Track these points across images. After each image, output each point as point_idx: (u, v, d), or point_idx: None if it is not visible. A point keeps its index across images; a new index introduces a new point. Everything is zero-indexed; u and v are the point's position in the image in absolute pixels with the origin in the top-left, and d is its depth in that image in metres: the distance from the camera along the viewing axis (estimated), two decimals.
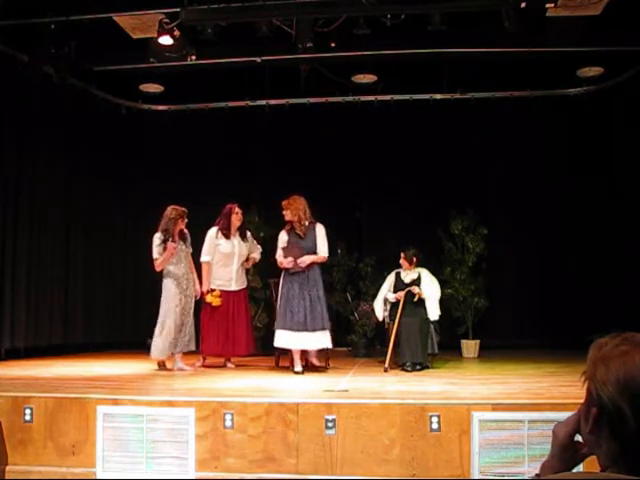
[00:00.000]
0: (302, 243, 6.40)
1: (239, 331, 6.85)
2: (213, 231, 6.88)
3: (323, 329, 6.30)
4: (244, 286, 7.08)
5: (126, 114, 9.69)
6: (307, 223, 6.44)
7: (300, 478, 4.17)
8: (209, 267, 6.81)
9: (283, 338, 6.30)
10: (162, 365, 6.61)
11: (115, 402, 4.45)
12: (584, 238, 8.86)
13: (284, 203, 6.49)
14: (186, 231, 6.67)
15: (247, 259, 7.07)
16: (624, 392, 1.19)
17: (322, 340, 6.33)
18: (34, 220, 8.02)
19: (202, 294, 6.73)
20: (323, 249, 6.47)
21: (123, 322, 9.49)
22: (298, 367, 6.30)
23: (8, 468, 4.42)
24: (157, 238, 6.44)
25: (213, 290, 6.75)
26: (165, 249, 6.38)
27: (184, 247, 6.61)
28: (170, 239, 6.42)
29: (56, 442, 4.43)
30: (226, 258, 6.85)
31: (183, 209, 6.58)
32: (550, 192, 9.11)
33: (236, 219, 6.91)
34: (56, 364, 7.08)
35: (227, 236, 6.84)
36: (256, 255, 7.15)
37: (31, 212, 7.98)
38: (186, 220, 6.60)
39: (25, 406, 4.48)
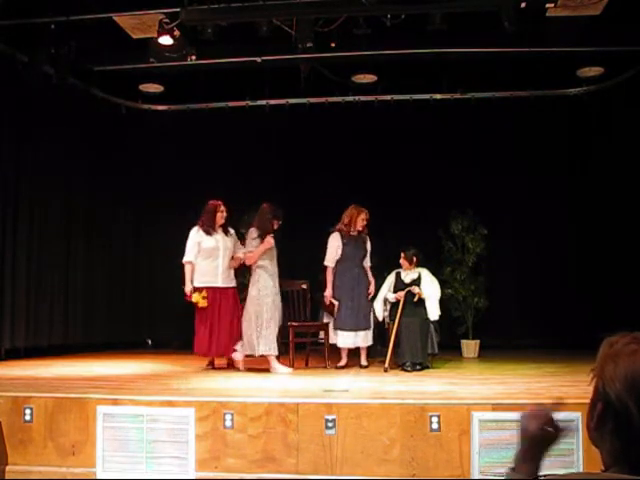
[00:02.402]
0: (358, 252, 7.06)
1: (224, 331, 6.57)
2: (194, 230, 6.72)
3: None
4: (232, 285, 6.82)
5: (126, 114, 9.68)
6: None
7: (300, 478, 4.17)
8: (192, 267, 6.61)
9: None
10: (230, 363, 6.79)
11: (115, 402, 4.45)
12: (584, 238, 8.87)
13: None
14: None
15: (232, 258, 6.88)
16: (631, 390, 1.20)
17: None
18: (34, 220, 8.01)
19: (186, 295, 6.54)
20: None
21: (123, 322, 9.47)
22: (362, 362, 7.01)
23: (8, 468, 4.42)
24: (254, 232, 6.64)
25: (199, 290, 6.53)
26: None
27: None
28: (266, 235, 6.59)
29: (56, 442, 4.43)
30: (210, 253, 6.64)
31: (278, 210, 6.74)
32: (550, 192, 9.10)
33: (220, 217, 6.75)
34: (56, 364, 7.08)
35: (208, 232, 6.66)
36: (241, 255, 6.89)
37: (31, 212, 7.98)
38: (280, 221, 6.76)
39: (25, 406, 4.49)
